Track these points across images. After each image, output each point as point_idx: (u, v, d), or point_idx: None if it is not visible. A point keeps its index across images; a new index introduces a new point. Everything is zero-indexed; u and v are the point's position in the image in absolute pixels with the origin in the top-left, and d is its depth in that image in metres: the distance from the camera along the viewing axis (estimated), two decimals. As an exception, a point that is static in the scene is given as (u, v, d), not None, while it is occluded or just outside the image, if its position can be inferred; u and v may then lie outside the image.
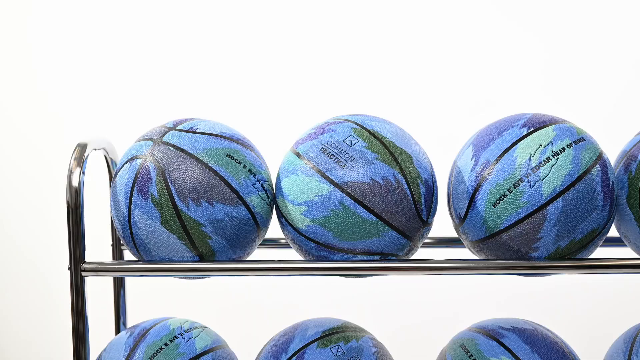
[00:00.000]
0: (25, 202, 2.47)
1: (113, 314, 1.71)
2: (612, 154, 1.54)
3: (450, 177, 1.50)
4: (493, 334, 1.52)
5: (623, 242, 1.56)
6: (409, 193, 1.40)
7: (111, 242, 1.68)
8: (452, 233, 1.58)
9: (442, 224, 1.68)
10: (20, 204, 2.47)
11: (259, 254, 1.71)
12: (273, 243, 1.71)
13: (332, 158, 1.40)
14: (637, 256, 1.57)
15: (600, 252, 1.56)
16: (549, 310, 2.23)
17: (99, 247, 1.80)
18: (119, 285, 1.70)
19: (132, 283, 2.02)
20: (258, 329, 1.90)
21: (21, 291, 2.49)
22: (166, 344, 1.50)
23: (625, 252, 1.60)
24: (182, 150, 1.41)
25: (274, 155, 1.62)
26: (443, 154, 1.83)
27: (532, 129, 1.42)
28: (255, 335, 1.84)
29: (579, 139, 1.42)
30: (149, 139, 1.45)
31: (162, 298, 2.30)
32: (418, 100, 2.35)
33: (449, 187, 1.49)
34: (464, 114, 2.29)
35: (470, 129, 1.57)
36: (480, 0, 2.34)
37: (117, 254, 1.68)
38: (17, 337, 2.50)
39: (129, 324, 1.74)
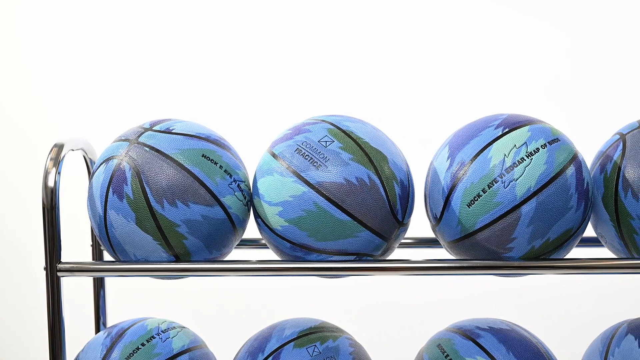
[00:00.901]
0: (2, 203, 2.47)
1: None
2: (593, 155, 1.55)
3: (427, 177, 1.50)
4: (470, 334, 1.52)
5: (600, 242, 1.56)
6: (383, 193, 1.41)
7: (91, 243, 1.69)
8: (432, 233, 1.58)
9: (422, 225, 1.68)
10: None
11: (238, 254, 1.72)
12: (253, 243, 1.71)
13: (306, 159, 1.41)
14: (613, 256, 1.57)
15: (578, 253, 1.56)
16: (530, 311, 2.24)
17: (80, 248, 1.80)
18: (99, 285, 1.70)
19: (114, 284, 2.03)
20: (240, 329, 1.90)
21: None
22: (143, 344, 1.50)
23: (602, 253, 1.61)
24: (157, 150, 1.42)
25: (256, 156, 1.63)
26: (428, 154, 1.83)
27: (507, 130, 1.43)
28: (237, 336, 1.84)
29: (554, 140, 1.42)
30: (126, 140, 1.45)
31: (145, 298, 2.31)
32: (401, 101, 2.35)
33: (425, 188, 1.50)
34: (446, 115, 2.29)
35: (453, 130, 1.57)
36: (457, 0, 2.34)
37: (97, 255, 1.68)
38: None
39: (110, 324, 1.74)
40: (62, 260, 1.44)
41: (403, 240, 1.76)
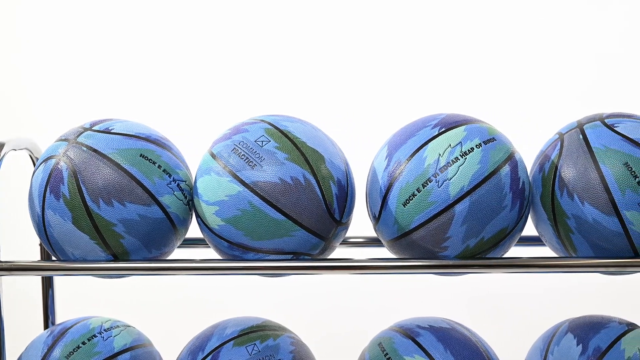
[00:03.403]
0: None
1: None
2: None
3: (367, 177, 1.51)
4: (410, 332, 1.53)
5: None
6: (319, 193, 1.41)
7: (39, 242, 1.69)
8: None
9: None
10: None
11: (187, 253, 1.73)
12: (202, 243, 1.72)
13: (242, 158, 1.41)
14: (553, 255, 1.58)
15: (521, 252, 1.57)
16: (479, 310, 2.25)
17: (31, 247, 1.81)
18: (47, 285, 1.71)
19: (67, 284, 2.04)
20: (195, 329, 1.91)
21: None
22: (84, 343, 1.51)
23: (545, 252, 1.61)
24: (94, 150, 1.43)
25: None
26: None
27: (443, 129, 1.44)
28: (190, 335, 1.85)
29: (490, 139, 1.43)
30: (65, 140, 1.46)
31: (101, 298, 2.31)
32: (358, 103, 2.36)
33: (366, 187, 1.51)
34: (402, 116, 2.30)
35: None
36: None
37: (45, 254, 1.69)
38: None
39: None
40: (2, 259, 1.45)
41: (354, 240, 1.77)
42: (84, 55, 2.42)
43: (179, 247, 1.70)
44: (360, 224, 1.70)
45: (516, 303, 2.29)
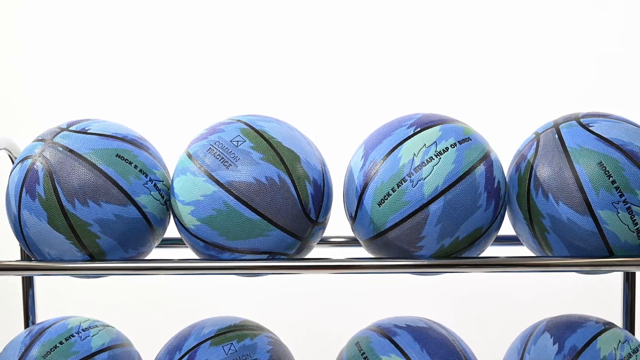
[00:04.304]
0: None
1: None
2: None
3: (345, 176, 1.51)
4: (387, 332, 1.53)
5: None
6: (294, 193, 1.42)
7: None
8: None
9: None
10: None
11: (166, 253, 1.74)
12: (181, 243, 1.72)
13: (218, 158, 1.42)
14: (530, 254, 1.59)
15: (500, 251, 1.57)
16: (462, 310, 2.25)
17: (12, 247, 1.81)
18: (28, 285, 1.71)
19: (49, 284, 2.04)
20: (179, 329, 1.92)
21: None
22: (61, 342, 1.51)
23: (523, 251, 1.62)
24: (70, 150, 1.43)
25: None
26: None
27: (419, 129, 1.44)
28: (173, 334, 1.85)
29: (465, 139, 1.43)
30: (42, 140, 1.47)
31: (84, 298, 2.32)
32: (339, 102, 2.36)
33: (343, 187, 1.51)
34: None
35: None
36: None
37: (25, 254, 1.69)
38: None
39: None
40: (-23, 259, 1.45)
41: (335, 239, 1.78)
42: (84, 56, 2.43)
43: (158, 246, 1.71)
44: (341, 223, 1.71)
45: (498, 303, 2.30)
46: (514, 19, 2.32)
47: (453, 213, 1.39)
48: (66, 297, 2.19)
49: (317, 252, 1.81)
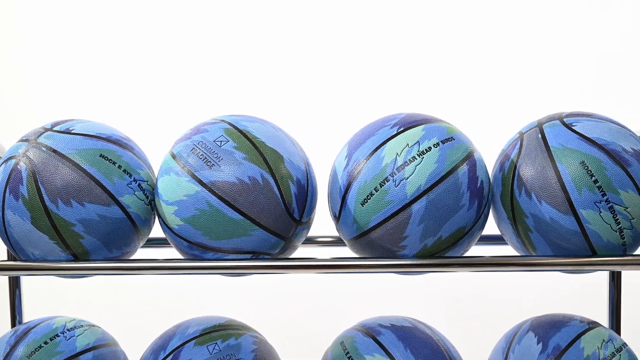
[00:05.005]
0: None
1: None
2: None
3: (329, 176, 1.52)
4: (371, 331, 1.53)
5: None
6: (277, 192, 1.42)
7: (6, 242, 1.70)
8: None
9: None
10: None
11: (153, 253, 1.74)
12: (167, 242, 1.72)
13: (201, 158, 1.42)
14: (515, 254, 1.58)
15: (486, 251, 1.57)
16: (458, 310, 2.25)
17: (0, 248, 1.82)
18: (14, 285, 1.72)
19: (37, 283, 2.04)
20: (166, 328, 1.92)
21: None
22: (46, 342, 1.52)
23: (510, 251, 1.62)
24: (54, 151, 1.43)
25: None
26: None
27: (402, 129, 1.44)
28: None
29: (448, 139, 1.43)
30: (25, 140, 1.47)
31: (73, 298, 2.32)
32: (326, 102, 2.36)
33: (328, 187, 1.51)
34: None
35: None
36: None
37: (11, 254, 1.69)
38: None
39: (28, 323, 1.75)
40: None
41: (322, 239, 1.78)
42: (84, 56, 2.43)
43: (144, 246, 1.71)
44: (328, 223, 1.71)
45: (486, 302, 2.30)
46: (500, 18, 2.32)
47: (435, 212, 1.39)
48: (56, 297, 2.19)
49: (303, 252, 1.81)
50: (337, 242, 1.75)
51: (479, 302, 2.28)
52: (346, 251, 1.68)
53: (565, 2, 2.30)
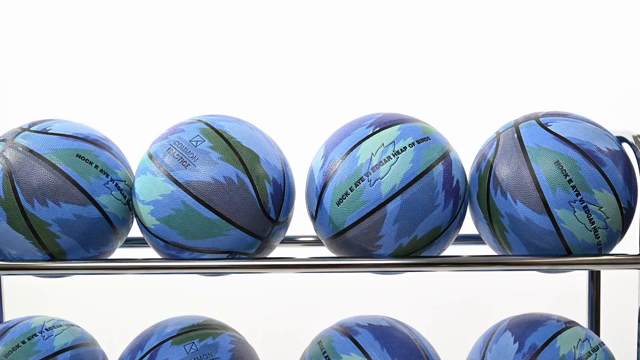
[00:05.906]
0: None
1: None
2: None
3: (307, 176, 1.52)
4: (349, 331, 1.54)
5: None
6: (253, 192, 1.42)
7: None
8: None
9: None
10: None
11: (133, 253, 1.74)
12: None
13: (177, 158, 1.42)
14: (492, 253, 1.59)
15: (466, 250, 1.58)
16: (437, 309, 2.25)
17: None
18: (-5, 284, 1.72)
19: (20, 284, 2.05)
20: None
21: None
22: (23, 342, 1.52)
23: (488, 250, 1.62)
24: (30, 151, 1.44)
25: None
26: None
27: (377, 129, 1.44)
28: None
29: (423, 139, 1.44)
30: (3, 140, 1.47)
31: (56, 299, 2.32)
32: (305, 103, 2.36)
33: (305, 187, 1.52)
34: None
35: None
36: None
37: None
38: None
39: (10, 323, 1.75)
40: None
41: (302, 239, 1.78)
42: (63, 56, 2.43)
43: (124, 246, 1.72)
44: (308, 222, 1.71)
45: (465, 302, 2.30)
46: (477, 17, 2.32)
47: (410, 212, 1.39)
48: (37, 297, 2.19)
49: (283, 251, 1.82)
50: (317, 241, 1.75)
51: (458, 302, 2.28)
52: (326, 251, 1.69)
53: (540, 2, 2.30)
